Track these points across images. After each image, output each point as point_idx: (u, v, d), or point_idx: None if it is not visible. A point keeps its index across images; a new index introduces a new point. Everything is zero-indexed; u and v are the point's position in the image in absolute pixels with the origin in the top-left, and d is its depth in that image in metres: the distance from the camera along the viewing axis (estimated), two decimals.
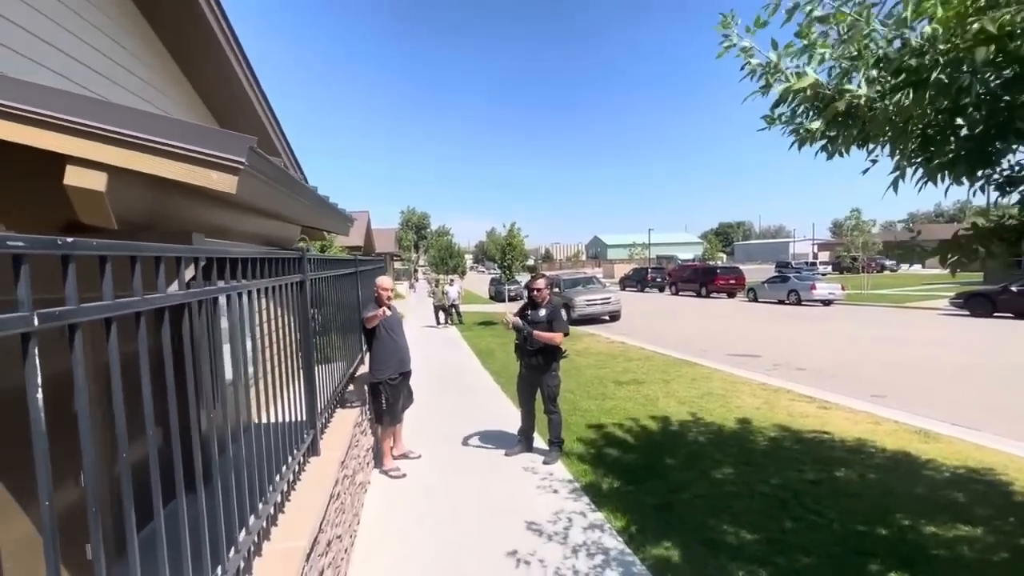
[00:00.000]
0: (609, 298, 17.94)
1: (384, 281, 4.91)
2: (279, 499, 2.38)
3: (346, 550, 3.30)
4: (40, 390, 0.91)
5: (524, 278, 28.06)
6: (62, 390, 1.10)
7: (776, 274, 28.00)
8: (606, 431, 5.85)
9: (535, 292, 5.22)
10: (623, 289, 34.36)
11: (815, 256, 62.38)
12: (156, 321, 1.49)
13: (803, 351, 11.03)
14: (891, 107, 2.00)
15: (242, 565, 1.86)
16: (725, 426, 5.85)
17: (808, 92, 2.26)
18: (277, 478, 2.40)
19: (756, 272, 42.26)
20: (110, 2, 3.79)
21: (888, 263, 47.99)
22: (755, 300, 24.36)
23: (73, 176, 2.17)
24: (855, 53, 1.99)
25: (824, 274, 39.24)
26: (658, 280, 33.55)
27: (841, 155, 2.90)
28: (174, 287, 1.70)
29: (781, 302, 22.80)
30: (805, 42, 2.51)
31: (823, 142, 2.91)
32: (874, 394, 7.27)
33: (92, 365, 2.49)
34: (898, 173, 2.25)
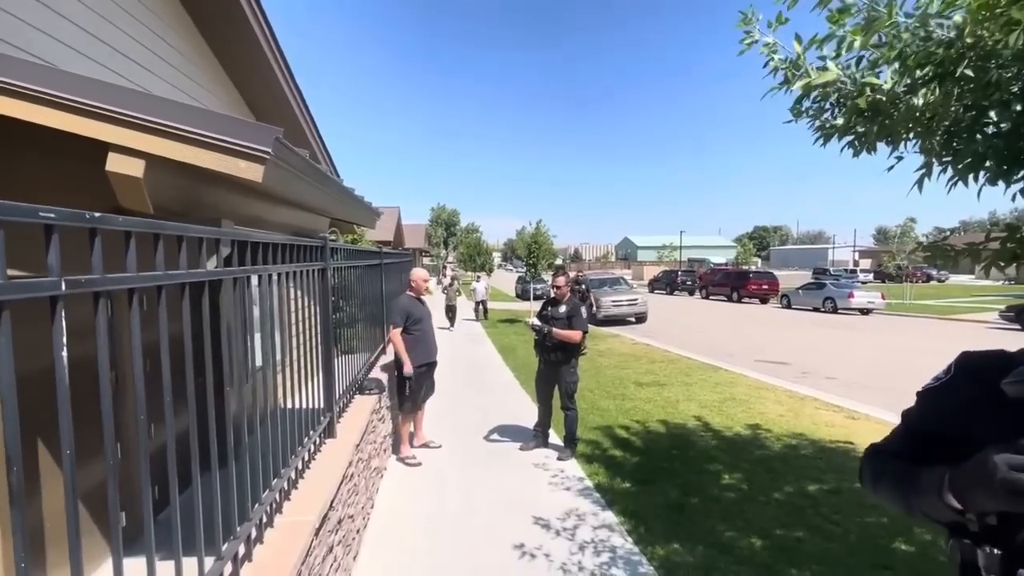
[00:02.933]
0: (636, 299, 17.74)
1: (419, 272, 5.22)
2: (292, 475, 2.49)
3: (358, 530, 3.41)
4: (65, 349, 1.00)
5: (549, 277, 28.02)
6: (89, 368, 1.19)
7: (812, 280, 27.11)
8: (622, 431, 5.81)
9: (555, 289, 5.25)
10: (652, 291, 33.87)
11: (856, 263, 59.99)
12: (178, 297, 1.59)
13: (835, 360, 10.66)
14: (916, 102, 1.94)
15: (253, 534, 1.96)
16: (744, 432, 5.74)
17: (829, 87, 2.21)
18: (292, 456, 2.50)
19: (792, 278, 40.94)
20: (165, 9, 4.02)
21: (936, 272, 45.73)
22: (789, 306, 23.64)
23: (114, 163, 2.32)
24: (881, 43, 1.93)
25: (864, 282, 37.71)
26: (688, 283, 32.94)
27: (869, 152, 2.82)
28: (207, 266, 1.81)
29: (816, 309, 22.06)
30: (832, 29, 2.44)
31: (849, 137, 2.84)
32: (907, 407, 6.97)
33: (125, 341, 2.65)
34: (924, 171, 2.17)
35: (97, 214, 1.10)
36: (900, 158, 2.45)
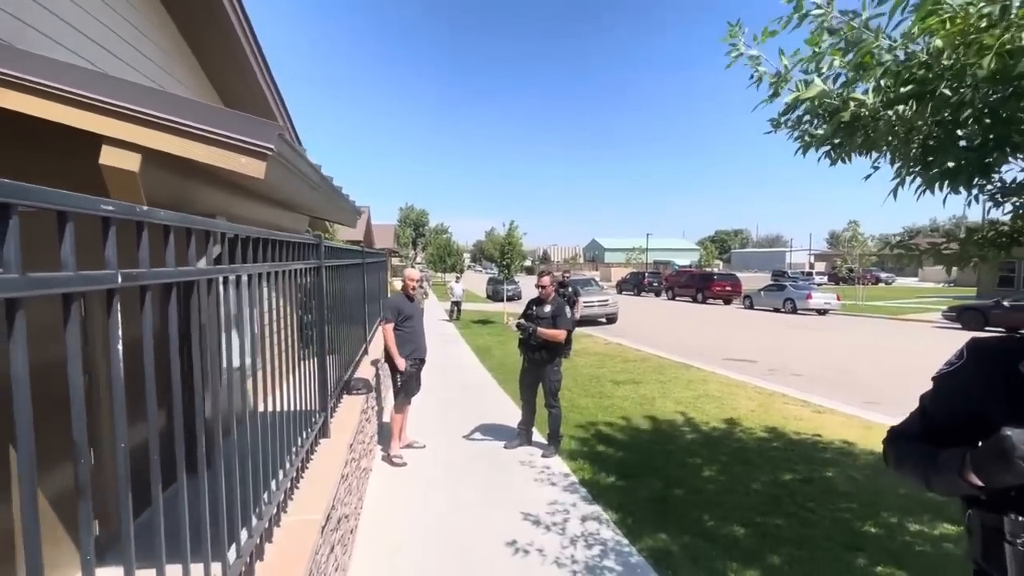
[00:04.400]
0: (607, 300, 18.07)
1: (411, 272, 5.28)
2: (295, 475, 2.46)
3: (352, 530, 3.39)
4: (121, 342, 1.00)
5: (521, 278, 28.04)
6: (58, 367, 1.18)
7: (772, 282, 28.25)
8: (603, 428, 5.95)
9: (540, 289, 5.32)
10: (620, 292, 34.49)
11: (811, 266, 62.75)
12: (186, 293, 1.57)
13: (798, 358, 11.17)
14: (894, 117, 2.11)
15: (264, 532, 1.95)
16: (720, 426, 5.97)
17: (815, 101, 2.36)
18: (293, 456, 2.48)
19: (752, 280, 42.50)
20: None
21: (884, 275, 48.35)
22: (751, 307, 24.54)
23: (108, 156, 2.25)
24: (860, 63, 2.09)
25: (820, 284, 39.54)
26: (655, 284, 33.74)
27: (844, 161, 3.02)
28: (202, 263, 1.79)
29: (777, 310, 22.99)
30: (815, 49, 2.61)
31: (827, 148, 3.02)
32: (867, 400, 7.40)
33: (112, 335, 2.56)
34: (899, 180, 2.35)
35: (144, 207, 1.09)
36: (876, 168, 2.63)
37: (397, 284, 9.65)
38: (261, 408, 2.12)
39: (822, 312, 21.92)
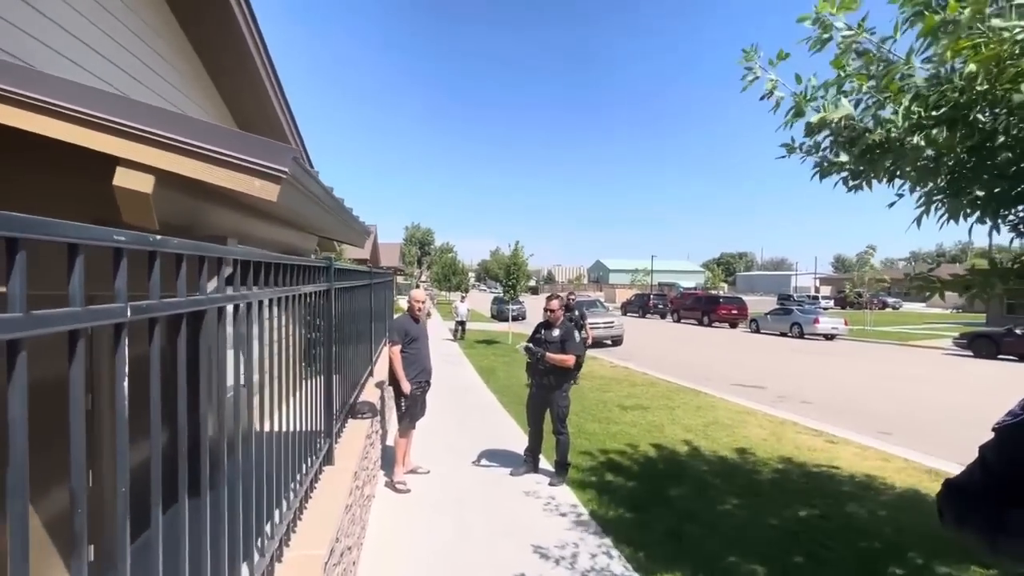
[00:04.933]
0: (612, 322, 17.95)
1: (417, 293, 5.26)
2: (298, 505, 2.38)
3: (354, 562, 3.27)
4: (127, 379, 0.94)
5: (526, 298, 27.95)
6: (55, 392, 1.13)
7: (779, 306, 28.06)
8: (611, 456, 5.80)
9: (549, 313, 5.25)
10: (625, 314, 34.33)
11: (817, 290, 62.48)
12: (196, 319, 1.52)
13: (808, 384, 10.99)
14: (923, 142, 2.06)
15: (267, 568, 1.86)
16: (732, 456, 5.81)
17: (841, 123, 2.33)
18: (297, 485, 2.40)
19: (758, 303, 42.23)
20: (147, 7, 3.93)
21: (891, 300, 47.97)
22: (757, 331, 24.34)
23: (122, 177, 2.23)
24: (888, 86, 2.06)
25: (826, 308, 39.26)
26: (660, 307, 33.59)
27: (862, 188, 2.97)
28: (213, 283, 1.74)
29: (784, 334, 22.77)
30: (841, 72, 2.58)
31: (844, 174, 2.98)
32: (880, 430, 7.22)
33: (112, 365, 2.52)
34: (923, 209, 2.30)
35: (157, 237, 1.05)
36: (901, 195, 2.59)
37: (402, 303, 9.60)
38: (265, 435, 2.05)
39: (829, 337, 21.69)
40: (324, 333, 3.21)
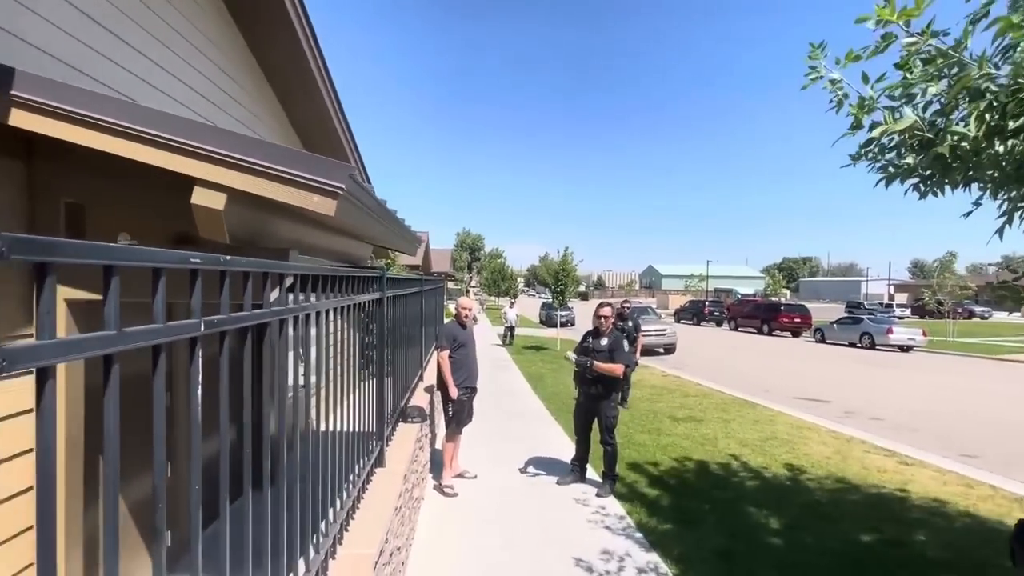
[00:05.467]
0: (665, 330, 17.50)
1: (465, 301, 5.36)
2: (351, 505, 2.49)
3: (403, 563, 3.37)
4: (200, 387, 1.04)
5: (575, 304, 27.79)
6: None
7: (847, 314, 26.31)
8: (661, 468, 5.66)
9: (600, 320, 5.20)
10: (678, 321, 33.35)
11: (891, 297, 58.03)
12: (260, 331, 1.64)
13: (878, 399, 10.23)
14: (1002, 151, 1.91)
15: (320, 567, 1.97)
16: (790, 474, 5.51)
17: (904, 134, 2.19)
18: (350, 486, 2.52)
19: (823, 311, 39.80)
20: (229, 42, 4.28)
21: (978, 309, 43.84)
22: (822, 341, 22.94)
23: (199, 196, 2.43)
24: (961, 92, 1.91)
25: (901, 317, 36.43)
26: (716, 314, 32.35)
27: (935, 195, 2.77)
28: (275, 294, 1.88)
29: (852, 345, 21.33)
30: (907, 76, 2.42)
31: (915, 180, 2.79)
32: (964, 454, 6.62)
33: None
34: (1005, 219, 2.12)
35: (228, 257, 1.15)
36: (979, 204, 2.39)
37: (453, 308, 9.83)
38: (321, 435, 2.18)
39: (905, 349, 20.10)
40: (376, 339, 3.35)
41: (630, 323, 8.83)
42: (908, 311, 44.09)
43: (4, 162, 2.43)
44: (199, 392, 1.04)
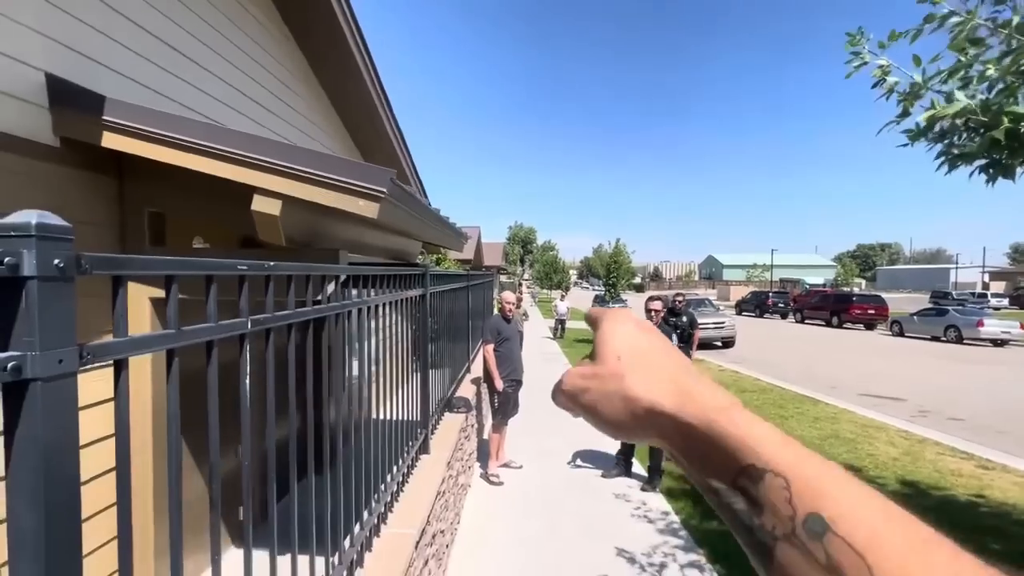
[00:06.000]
0: (723, 323, 16.86)
1: (507, 295, 5.50)
2: (395, 488, 2.68)
3: (447, 546, 3.55)
4: (248, 377, 1.21)
5: (630, 296, 27.40)
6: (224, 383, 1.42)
7: (931, 305, 24.17)
8: None
9: (654, 313, 5.19)
10: (739, 314, 31.95)
11: (985, 286, 52.68)
12: (318, 326, 1.81)
13: (961, 398, 9.42)
14: None
15: (365, 541, 2.15)
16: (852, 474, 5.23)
17: (955, 119, 2.05)
18: (395, 469, 2.70)
19: (904, 302, 36.79)
20: (286, 55, 4.60)
21: None
22: (900, 334, 21.24)
23: (258, 203, 2.67)
24: (1018, 72, 1.77)
25: (996, 308, 33.02)
26: (780, 305, 30.68)
27: (1006, 177, 2.57)
28: (330, 288, 2.06)
29: (936, 339, 19.60)
30: (960, 58, 2.27)
31: (982, 162, 2.60)
32: None
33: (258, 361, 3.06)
34: None
35: (271, 263, 1.31)
36: None
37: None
38: (369, 423, 2.36)
39: (999, 343, 18.25)
40: (420, 333, 3.53)
41: (684, 318, 7.77)
42: (1006, 301, 39.87)
43: (100, 179, 2.78)
44: (247, 382, 1.20)
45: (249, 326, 1.19)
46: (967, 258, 72.75)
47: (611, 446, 6.02)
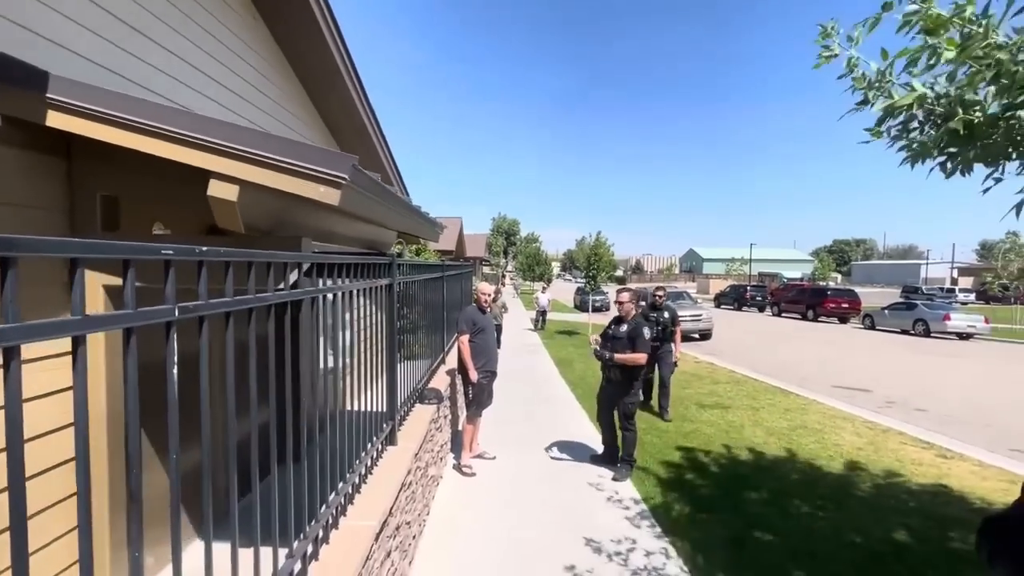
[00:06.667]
0: (700, 315, 17.10)
1: (484, 287, 5.43)
2: (356, 480, 2.64)
3: (414, 536, 3.53)
4: (176, 368, 1.15)
5: (611, 289, 27.59)
6: (186, 373, 1.36)
7: (901, 299, 24.86)
8: (682, 455, 5.62)
9: (619, 305, 5.16)
10: (718, 306, 32.46)
11: (954, 281, 54.33)
12: (264, 315, 1.75)
13: (926, 390, 9.71)
14: (1016, 125, 1.78)
15: (320, 534, 2.11)
16: (817, 464, 5.36)
17: (915, 109, 2.07)
18: (356, 462, 2.66)
19: (877, 296, 37.80)
20: (258, 41, 4.44)
21: None
22: (872, 327, 21.83)
23: (214, 188, 2.58)
24: (966, 59, 1.78)
25: (964, 303, 34.14)
26: (758, 299, 31.23)
27: (963, 174, 2.61)
28: (289, 281, 2.00)
29: (905, 332, 20.20)
30: (926, 41, 2.27)
31: (942, 159, 2.64)
32: (1013, 448, 6.23)
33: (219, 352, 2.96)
34: None
35: (204, 248, 1.25)
36: (999, 180, 2.24)
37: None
38: (329, 415, 2.31)
39: (964, 336, 18.88)
40: (387, 324, 3.47)
41: (665, 314, 7.25)
42: (972, 296, 41.20)
43: (47, 160, 2.65)
44: (175, 372, 1.15)
45: (176, 314, 1.14)
46: (937, 254, 74.91)
47: (587, 436, 6.08)
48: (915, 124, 2.65)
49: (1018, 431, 7.02)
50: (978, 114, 1.85)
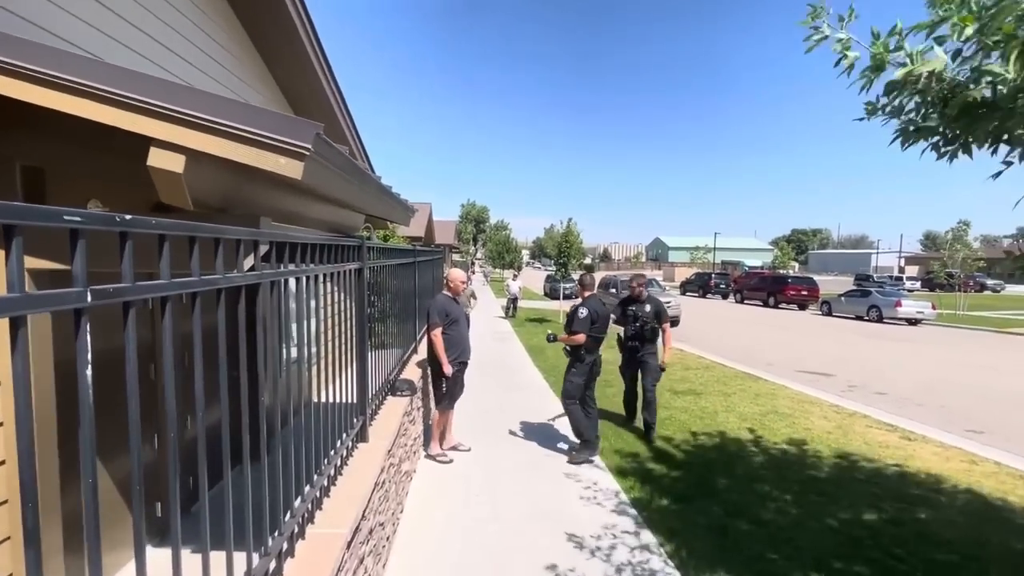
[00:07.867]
0: (669, 302, 17.29)
1: (456, 273, 5.17)
2: (325, 483, 2.40)
3: (388, 537, 3.32)
4: (90, 365, 0.90)
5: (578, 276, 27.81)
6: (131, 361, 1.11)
7: (855, 287, 25.94)
8: (659, 443, 5.59)
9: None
10: (683, 294, 33.11)
11: (901, 270, 57.26)
12: (213, 302, 1.49)
13: (883, 373, 10.09)
14: None
15: (285, 547, 1.88)
16: (791, 449, 5.42)
17: (931, 79, 1.96)
18: (324, 462, 2.42)
19: (832, 284, 39.38)
20: (213, 7, 4.01)
21: (990, 282, 43.17)
22: (829, 314, 22.68)
23: (156, 158, 2.25)
24: (998, 30, 1.67)
25: (911, 290, 35.99)
26: (722, 286, 32.03)
27: (957, 156, 2.55)
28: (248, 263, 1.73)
29: (860, 318, 21.08)
30: (939, 13, 2.15)
31: (935, 139, 2.57)
32: (969, 429, 6.49)
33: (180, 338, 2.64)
34: None
35: (128, 216, 0.99)
36: (1009, 163, 2.16)
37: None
38: (293, 411, 2.06)
39: (913, 322, 19.83)
40: (357, 311, 3.21)
41: (648, 307, 5.97)
42: (918, 284, 43.48)
43: None
44: (88, 371, 0.90)
45: (89, 298, 0.88)
46: (887, 244, 78.85)
47: (561, 425, 5.96)
48: (912, 105, 2.57)
49: (970, 413, 7.34)
50: (1000, 86, 1.75)
